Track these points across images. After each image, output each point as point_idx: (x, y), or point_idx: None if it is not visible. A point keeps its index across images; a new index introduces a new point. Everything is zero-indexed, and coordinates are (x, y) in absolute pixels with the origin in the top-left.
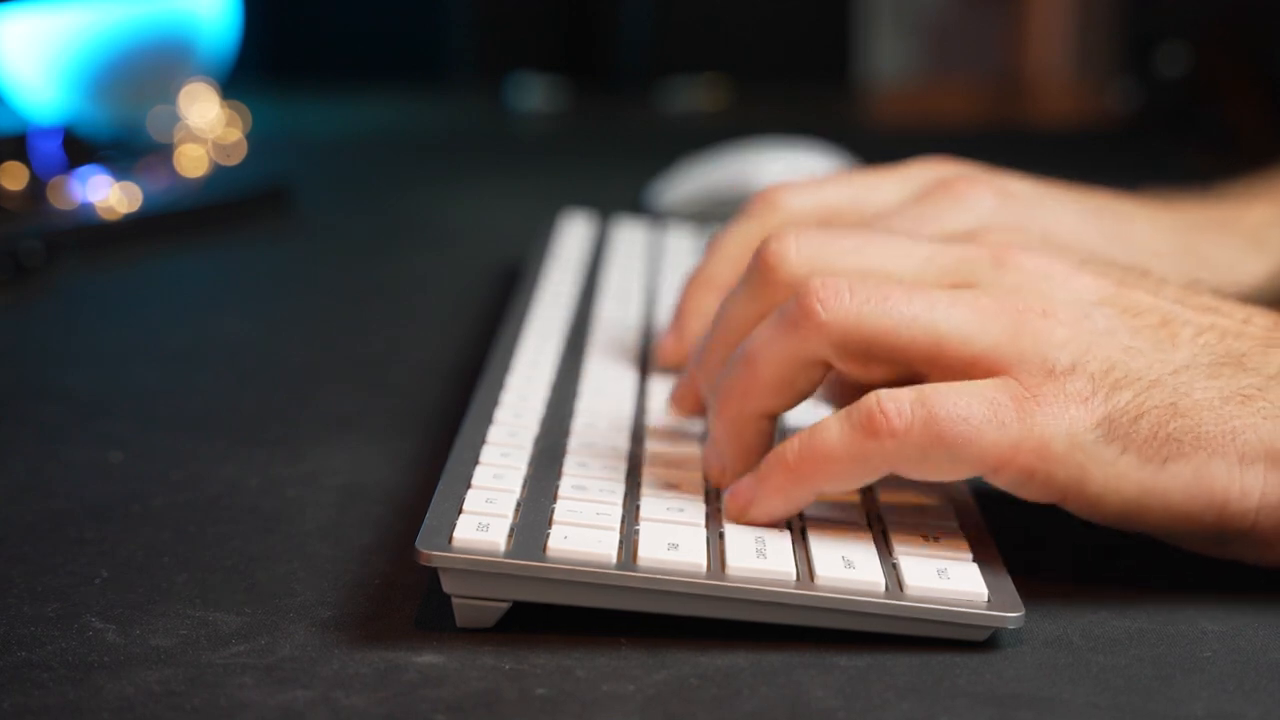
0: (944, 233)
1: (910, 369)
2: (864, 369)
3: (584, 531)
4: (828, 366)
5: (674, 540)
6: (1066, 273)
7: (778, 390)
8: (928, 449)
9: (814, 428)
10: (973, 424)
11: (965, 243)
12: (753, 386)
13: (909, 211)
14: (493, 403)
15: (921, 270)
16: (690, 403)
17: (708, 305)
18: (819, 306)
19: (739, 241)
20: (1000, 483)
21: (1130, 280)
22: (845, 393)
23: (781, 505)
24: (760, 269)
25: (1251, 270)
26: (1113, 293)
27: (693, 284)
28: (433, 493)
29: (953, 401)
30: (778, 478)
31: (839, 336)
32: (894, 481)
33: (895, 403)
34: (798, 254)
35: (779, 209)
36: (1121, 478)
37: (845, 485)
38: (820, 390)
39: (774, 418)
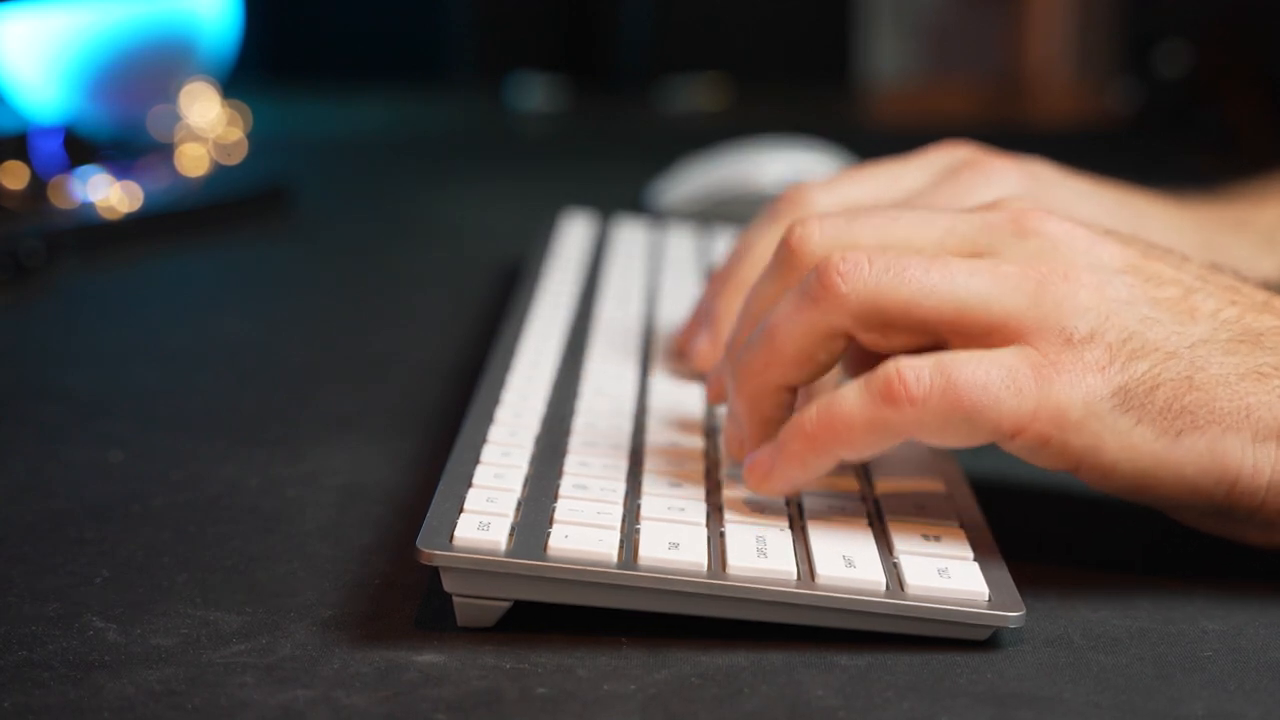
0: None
1: (932, 337)
2: (885, 339)
3: (585, 530)
4: (849, 338)
5: (675, 539)
6: (1090, 238)
7: (798, 363)
8: (946, 416)
9: (832, 395)
10: (991, 391)
11: (986, 211)
12: (774, 359)
13: (938, 192)
14: (494, 402)
15: (943, 241)
16: (723, 391)
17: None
18: (839, 279)
19: (768, 243)
20: (1014, 449)
21: (1154, 253)
22: (865, 363)
23: (801, 473)
24: (785, 252)
25: (1265, 269)
26: (1136, 262)
27: (726, 287)
28: (433, 492)
29: (971, 369)
30: (796, 445)
31: (859, 308)
32: (895, 479)
33: (914, 370)
34: (821, 235)
35: (804, 208)
36: (1136, 448)
37: (863, 453)
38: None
39: (793, 391)
